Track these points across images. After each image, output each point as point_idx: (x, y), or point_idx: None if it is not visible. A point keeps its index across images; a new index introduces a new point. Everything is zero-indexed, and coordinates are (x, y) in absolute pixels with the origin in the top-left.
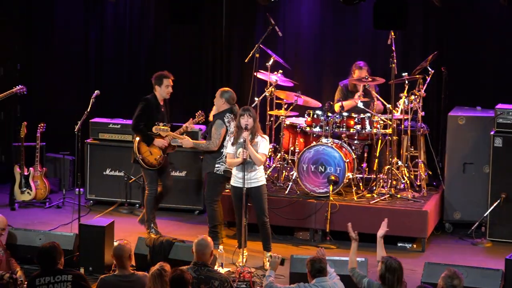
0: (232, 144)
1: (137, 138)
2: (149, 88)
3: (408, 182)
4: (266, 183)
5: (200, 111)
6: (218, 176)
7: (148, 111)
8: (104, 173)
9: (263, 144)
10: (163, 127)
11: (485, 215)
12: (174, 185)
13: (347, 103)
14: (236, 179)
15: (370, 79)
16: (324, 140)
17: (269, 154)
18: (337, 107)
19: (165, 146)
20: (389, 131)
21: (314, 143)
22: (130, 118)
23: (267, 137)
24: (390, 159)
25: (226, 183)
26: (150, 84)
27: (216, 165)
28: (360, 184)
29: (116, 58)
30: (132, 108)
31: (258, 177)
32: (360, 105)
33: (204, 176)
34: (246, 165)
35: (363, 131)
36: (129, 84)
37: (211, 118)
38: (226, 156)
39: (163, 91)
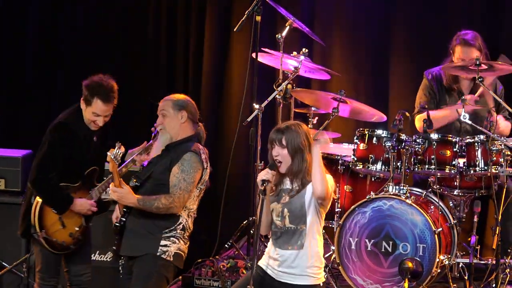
0: (272, 193)
1: (37, 200)
2: (41, 88)
3: None
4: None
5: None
6: (164, 265)
7: (66, 147)
8: None
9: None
10: (117, 153)
11: None
12: (93, 277)
13: (439, 114)
14: (268, 258)
15: (485, 66)
16: (392, 189)
17: None
18: (418, 121)
19: (92, 211)
20: None
21: (373, 194)
22: (9, 145)
23: (331, 179)
24: None
25: (172, 278)
26: (43, 82)
27: (163, 242)
28: (466, 277)
29: None
30: (12, 123)
31: (307, 269)
32: (465, 118)
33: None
34: (283, 235)
35: (472, 171)
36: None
37: (153, 153)
38: (187, 223)
39: (88, 114)
